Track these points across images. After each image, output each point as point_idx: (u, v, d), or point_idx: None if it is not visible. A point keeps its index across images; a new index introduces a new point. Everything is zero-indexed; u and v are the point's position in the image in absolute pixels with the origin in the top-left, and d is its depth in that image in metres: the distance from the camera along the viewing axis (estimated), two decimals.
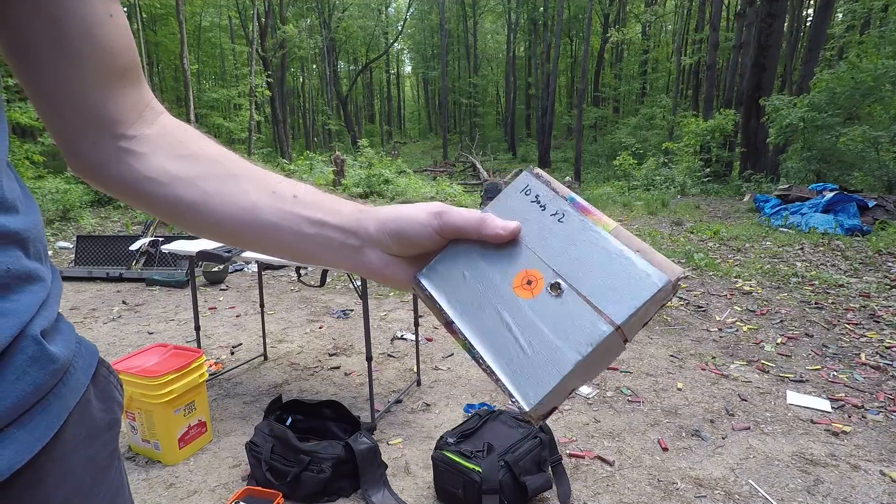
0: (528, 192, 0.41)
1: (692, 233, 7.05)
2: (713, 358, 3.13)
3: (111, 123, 0.45)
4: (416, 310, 2.99)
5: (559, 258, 0.37)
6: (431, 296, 0.40)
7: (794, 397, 2.61)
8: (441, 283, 0.41)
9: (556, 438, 2.03)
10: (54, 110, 0.43)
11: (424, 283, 0.41)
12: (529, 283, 0.37)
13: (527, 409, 0.33)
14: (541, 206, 0.39)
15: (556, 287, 0.36)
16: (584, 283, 0.35)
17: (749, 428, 2.36)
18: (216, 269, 5.10)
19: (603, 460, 2.13)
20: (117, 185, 0.46)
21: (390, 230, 0.41)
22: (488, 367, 0.36)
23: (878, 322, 3.57)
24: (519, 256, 0.38)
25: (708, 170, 13.19)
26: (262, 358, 3.23)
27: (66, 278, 5.18)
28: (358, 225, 0.42)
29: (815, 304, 3.98)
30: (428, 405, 2.61)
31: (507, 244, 0.39)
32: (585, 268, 0.35)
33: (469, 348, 0.37)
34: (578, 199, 0.38)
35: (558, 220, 0.38)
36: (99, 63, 0.42)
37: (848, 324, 3.57)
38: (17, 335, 0.34)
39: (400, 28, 40.31)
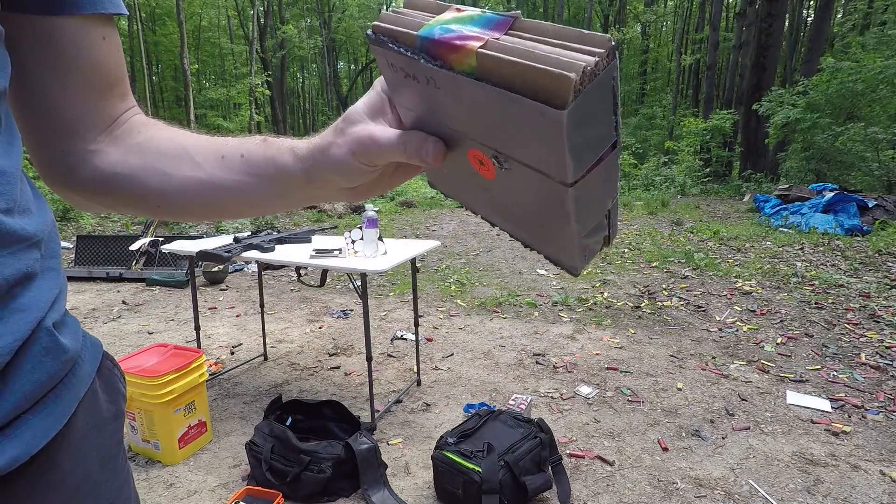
0: (392, 67, 0.34)
1: (692, 233, 7.05)
2: (713, 358, 3.13)
3: (84, 132, 0.45)
4: (416, 309, 2.99)
5: (473, 127, 0.32)
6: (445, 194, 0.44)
7: (794, 397, 2.61)
8: (441, 184, 0.43)
9: (556, 438, 2.03)
10: (32, 119, 0.43)
11: (438, 189, 0.44)
12: (482, 163, 0.35)
13: (577, 275, 0.38)
14: (414, 79, 0.33)
15: (498, 160, 0.33)
16: (510, 146, 0.31)
17: (749, 428, 2.36)
18: (216, 269, 5.09)
19: (603, 460, 2.13)
20: (88, 189, 0.46)
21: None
22: (527, 244, 0.41)
23: (878, 322, 3.57)
24: (452, 140, 0.35)
25: (708, 170, 13.18)
26: (262, 358, 3.23)
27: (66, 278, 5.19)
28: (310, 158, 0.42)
29: (815, 304, 3.98)
30: (428, 405, 2.60)
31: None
32: (497, 128, 0.31)
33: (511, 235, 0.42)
34: (427, 37, 0.30)
35: (436, 88, 0.32)
36: (85, 80, 0.43)
37: (848, 324, 3.57)
38: (34, 328, 0.35)
39: None
